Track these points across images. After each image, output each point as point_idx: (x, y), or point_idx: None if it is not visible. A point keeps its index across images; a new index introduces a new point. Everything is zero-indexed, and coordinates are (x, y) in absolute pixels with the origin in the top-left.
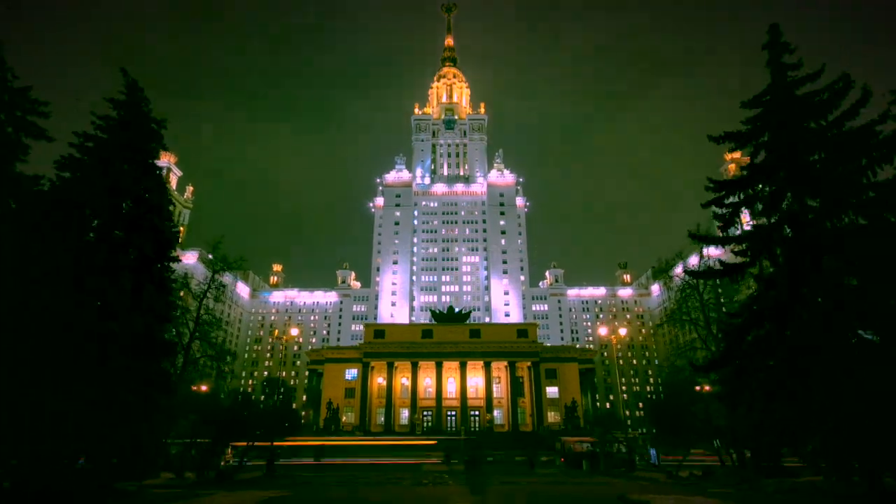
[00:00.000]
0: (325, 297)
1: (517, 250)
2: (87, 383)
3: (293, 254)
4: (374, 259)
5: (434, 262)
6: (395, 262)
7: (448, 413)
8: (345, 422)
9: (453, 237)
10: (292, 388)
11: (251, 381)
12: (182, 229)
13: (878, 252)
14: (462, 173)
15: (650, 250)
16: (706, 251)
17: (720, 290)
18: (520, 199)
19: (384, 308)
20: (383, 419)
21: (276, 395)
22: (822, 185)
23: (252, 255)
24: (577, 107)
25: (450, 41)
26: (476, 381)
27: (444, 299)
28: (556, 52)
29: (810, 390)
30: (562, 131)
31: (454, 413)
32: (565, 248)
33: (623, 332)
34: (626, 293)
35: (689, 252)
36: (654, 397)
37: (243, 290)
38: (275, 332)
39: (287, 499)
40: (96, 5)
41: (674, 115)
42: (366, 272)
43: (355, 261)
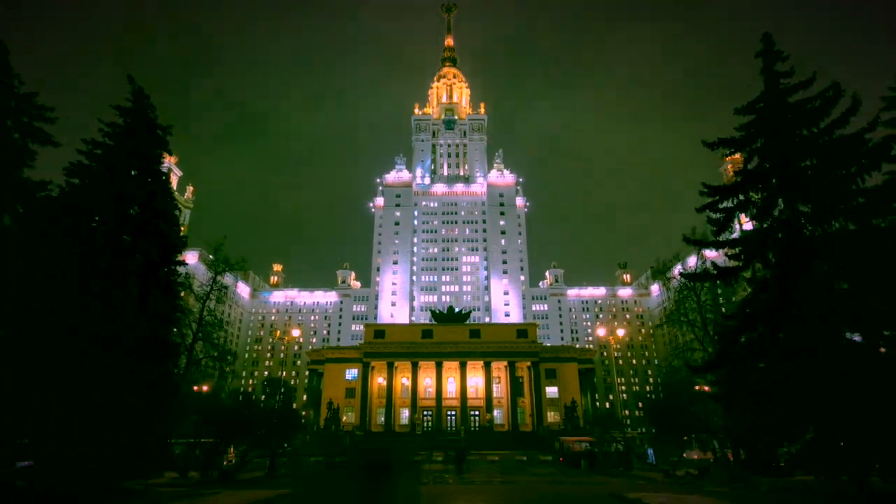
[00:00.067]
0: (326, 297)
1: (517, 250)
2: (92, 386)
3: (293, 254)
4: (374, 259)
5: (434, 262)
6: (395, 262)
7: (448, 413)
8: (345, 421)
9: (453, 237)
10: (293, 388)
11: (251, 381)
12: (183, 229)
13: (867, 257)
14: (462, 173)
15: (650, 250)
16: (704, 252)
17: (719, 292)
18: (520, 199)
19: (384, 308)
20: (383, 419)
21: (277, 395)
22: (814, 192)
23: (252, 256)
24: (577, 106)
25: (450, 41)
26: (476, 380)
27: (444, 299)
28: (556, 51)
29: (802, 392)
30: (562, 131)
31: (454, 413)
32: (565, 248)
33: (621, 332)
34: (625, 293)
35: (687, 253)
36: (653, 397)
37: (243, 290)
38: (276, 333)
39: (290, 498)
40: (96, 5)
41: (674, 114)
42: (366, 272)
43: (355, 261)
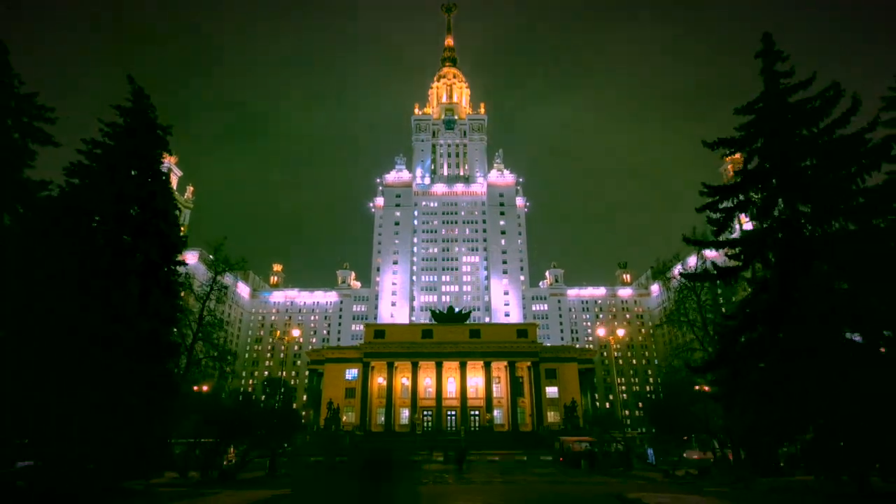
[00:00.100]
0: (326, 297)
1: (517, 250)
2: (92, 386)
3: (293, 254)
4: (374, 259)
5: (434, 262)
6: (395, 262)
7: (448, 413)
8: (345, 421)
9: (453, 237)
10: (293, 388)
11: (251, 381)
12: (183, 229)
13: (867, 257)
14: (462, 173)
15: (650, 250)
16: (704, 252)
17: (719, 292)
18: (520, 199)
19: (384, 308)
20: (384, 419)
21: (277, 395)
22: (813, 192)
23: (252, 255)
24: (577, 106)
25: (450, 41)
26: (476, 380)
27: (444, 299)
28: (556, 51)
29: (802, 392)
30: (562, 131)
31: (454, 413)
32: (565, 248)
33: (621, 332)
34: (625, 293)
35: (687, 253)
36: (653, 397)
37: (243, 290)
38: (276, 334)
39: (291, 498)
40: (96, 5)
41: (674, 114)
42: (366, 272)
43: (355, 261)
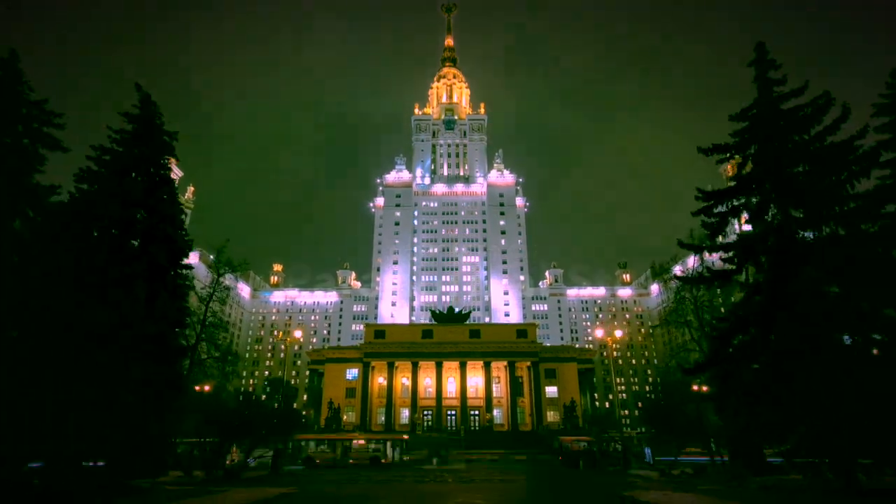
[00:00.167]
0: (326, 297)
1: (517, 250)
2: (102, 387)
3: (293, 254)
4: (374, 259)
5: (434, 262)
6: (395, 262)
7: (448, 412)
8: (346, 421)
9: (453, 237)
10: (293, 388)
11: (252, 381)
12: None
13: (857, 261)
14: (462, 173)
15: (650, 250)
16: (701, 255)
17: (719, 292)
18: (520, 199)
19: (384, 308)
20: (384, 419)
21: (278, 395)
22: (805, 197)
23: (252, 255)
24: (577, 107)
25: (450, 41)
26: (476, 380)
27: (444, 299)
28: (556, 51)
29: (791, 394)
30: (562, 131)
31: (454, 412)
32: (565, 248)
33: (619, 333)
34: (625, 293)
35: (685, 254)
36: (653, 396)
37: (244, 290)
38: (279, 335)
39: (296, 496)
40: (96, 5)
41: (674, 114)
42: (366, 272)
43: (355, 261)
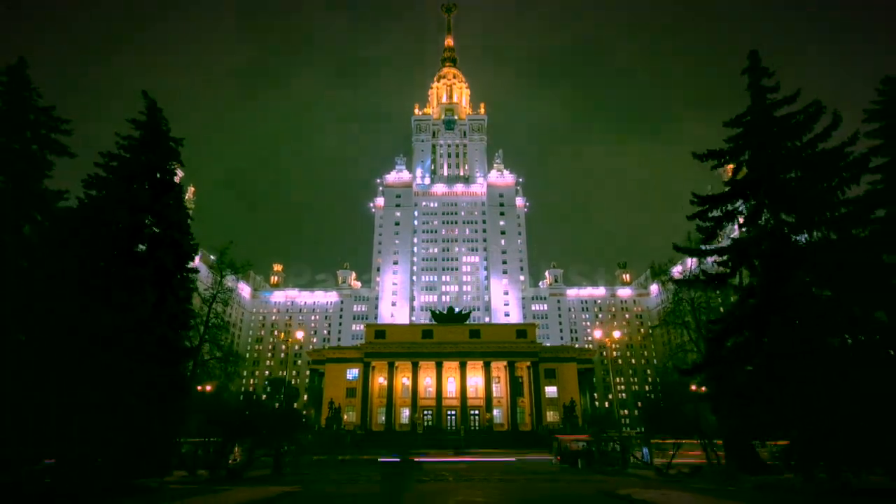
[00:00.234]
0: (326, 297)
1: (517, 250)
2: (102, 389)
3: (293, 254)
4: (374, 259)
5: (434, 262)
6: (395, 262)
7: (448, 412)
8: (346, 421)
9: (453, 237)
10: (294, 388)
11: (252, 381)
12: None
13: (847, 265)
14: (462, 174)
15: (650, 250)
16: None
17: (718, 292)
18: (520, 200)
19: (385, 308)
20: (384, 418)
21: (278, 395)
22: (797, 203)
23: (252, 255)
24: (577, 106)
25: (450, 41)
26: (476, 380)
27: (444, 299)
28: (556, 51)
29: (783, 396)
30: (562, 131)
31: (454, 412)
32: (565, 248)
33: (617, 334)
34: (625, 293)
35: (682, 255)
36: (652, 396)
37: (244, 290)
38: (281, 335)
39: (299, 494)
40: (96, 5)
41: (675, 114)
42: (366, 272)
43: (355, 261)
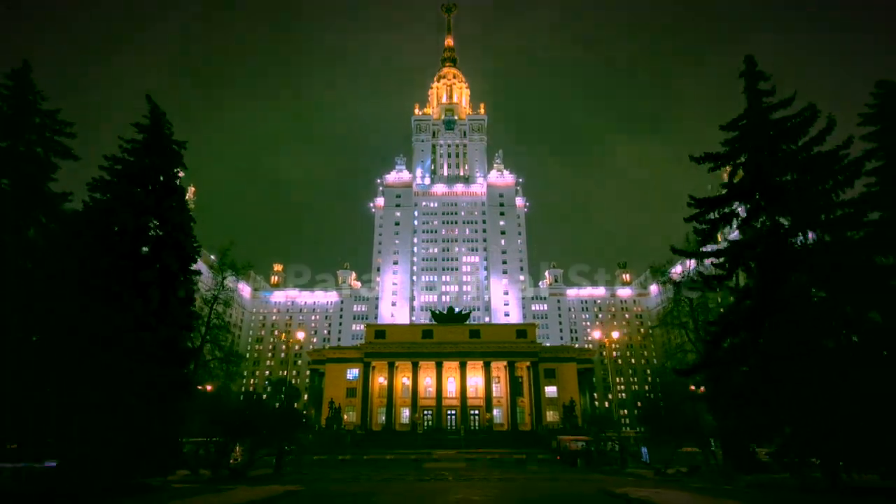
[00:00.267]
0: (326, 297)
1: (517, 250)
2: (102, 389)
3: (293, 254)
4: (374, 259)
5: (434, 262)
6: (395, 262)
7: (448, 412)
8: (347, 420)
9: (453, 237)
10: (295, 388)
11: (253, 381)
12: None
13: (842, 268)
14: (462, 174)
15: (650, 250)
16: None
17: (718, 291)
18: (519, 200)
19: (385, 308)
20: (384, 418)
21: (279, 395)
22: (793, 205)
23: (252, 255)
24: (577, 106)
25: (450, 41)
26: (476, 380)
27: (444, 299)
28: (556, 51)
29: (781, 396)
30: (562, 131)
31: (454, 412)
32: (565, 248)
33: (616, 335)
34: (625, 293)
35: (680, 258)
36: (652, 396)
37: (244, 290)
38: (282, 336)
39: (301, 493)
40: (96, 5)
41: (675, 114)
42: (366, 272)
43: (355, 261)
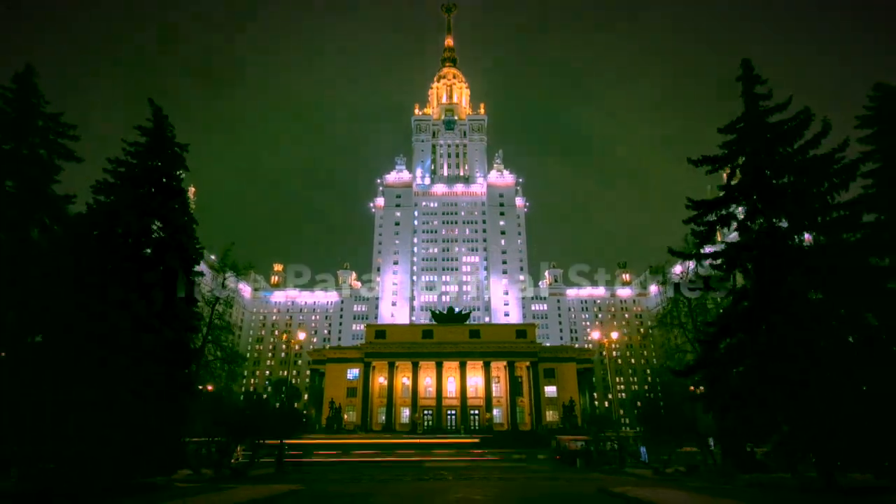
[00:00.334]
0: (326, 297)
1: (517, 250)
2: (100, 385)
3: (293, 254)
4: (374, 259)
5: (434, 262)
6: (395, 262)
7: (448, 412)
8: (347, 420)
9: (453, 237)
10: (295, 387)
11: (253, 381)
12: None
13: (837, 269)
14: (462, 174)
15: (650, 250)
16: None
17: (717, 292)
18: (519, 200)
19: (385, 308)
20: (384, 418)
21: (282, 395)
22: (789, 207)
23: (252, 255)
24: (577, 106)
25: (450, 41)
26: (476, 380)
27: (444, 299)
28: (556, 51)
29: (777, 396)
30: (562, 131)
31: (454, 412)
32: (565, 248)
33: (616, 334)
34: (625, 293)
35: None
36: (651, 396)
37: (245, 290)
38: (283, 336)
39: (303, 493)
40: (96, 5)
41: (675, 114)
42: (366, 272)
43: (355, 261)
